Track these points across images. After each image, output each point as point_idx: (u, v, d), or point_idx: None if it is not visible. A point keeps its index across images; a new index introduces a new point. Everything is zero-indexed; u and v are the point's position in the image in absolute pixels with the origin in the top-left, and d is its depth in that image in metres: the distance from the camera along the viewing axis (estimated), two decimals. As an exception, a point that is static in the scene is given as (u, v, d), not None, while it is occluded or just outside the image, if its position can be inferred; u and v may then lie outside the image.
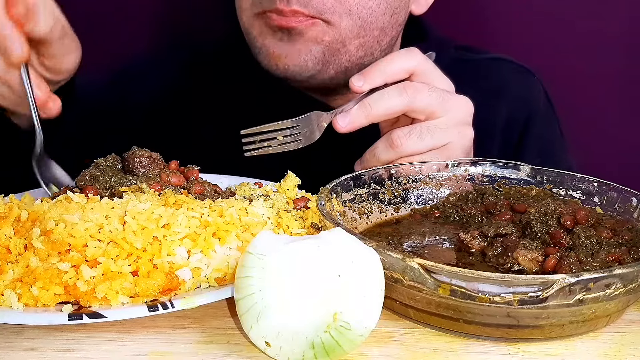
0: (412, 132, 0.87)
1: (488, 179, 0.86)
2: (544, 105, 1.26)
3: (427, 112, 0.87)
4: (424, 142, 0.87)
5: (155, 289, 0.64)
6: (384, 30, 1.06)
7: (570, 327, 0.61)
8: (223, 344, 0.61)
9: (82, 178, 0.77)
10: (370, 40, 1.05)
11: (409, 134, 0.87)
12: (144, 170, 0.80)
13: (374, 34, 1.05)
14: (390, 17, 1.05)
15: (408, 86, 0.87)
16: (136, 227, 0.66)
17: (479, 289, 0.57)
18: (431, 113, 0.87)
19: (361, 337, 0.56)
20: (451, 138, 0.89)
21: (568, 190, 0.82)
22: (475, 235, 0.72)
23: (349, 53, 1.04)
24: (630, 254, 0.68)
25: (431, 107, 0.87)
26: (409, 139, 0.87)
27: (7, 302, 0.63)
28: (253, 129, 0.88)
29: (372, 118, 0.87)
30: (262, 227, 0.72)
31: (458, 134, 0.90)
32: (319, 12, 0.99)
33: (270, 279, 0.57)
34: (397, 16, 1.07)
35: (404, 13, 1.10)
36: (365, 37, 1.04)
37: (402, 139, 0.87)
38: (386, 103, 0.86)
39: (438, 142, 0.88)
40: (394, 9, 1.05)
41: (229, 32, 1.19)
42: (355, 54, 1.05)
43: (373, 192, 0.82)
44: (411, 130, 0.88)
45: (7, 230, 0.68)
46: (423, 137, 0.87)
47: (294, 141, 0.89)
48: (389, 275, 0.60)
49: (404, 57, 0.89)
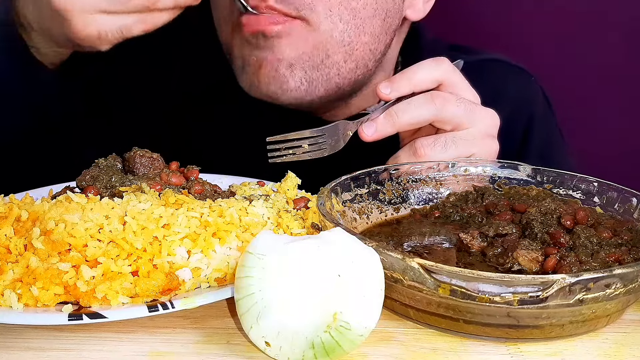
0: (437, 143, 0.86)
1: (488, 179, 0.86)
2: (542, 105, 1.25)
3: (454, 123, 0.87)
4: (448, 152, 0.86)
5: (155, 289, 0.64)
6: (375, 36, 0.99)
7: (570, 327, 0.61)
8: (223, 344, 0.61)
9: (82, 178, 0.77)
10: (360, 48, 0.98)
11: (434, 144, 0.86)
12: (145, 171, 0.80)
13: (363, 41, 0.98)
14: (383, 22, 0.99)
15: (436, 96, 0.86)
16: (136, 227, 0.66)
17: (479, 289, 0.57)
18: (458, 124, 0.87)
19: (361, 337, 0.56)
20: (475, 150, 0.88)
21: (568, 190, 0.82)
22: (475, 235, 0.72)
23: (337, 65, 0.98)
24: (630, 254, 0.68)
25: (458, 118, 0.86)
26: (433, 149, 0.86)
27: (7, 302, 0.63)
28: (279, 137, 0.87)
29: (399, 127, 0.86)
30: (262, 227, 0.72)
31: (483, 146, 0.89)
32: (296, 8, 0.93)
33: (270, 279, 0.57)
34: (391, 21, 1.01)
35: (398, 17, 1.04)
36: (351, 45, 0.97)
37: (426, 149, 0.86)
38: (414, 112, 0.85)
39: (462, 153, 0.87)
40: (386, 11, 0.99)
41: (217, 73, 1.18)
42: (345, 66, 0.98)
43: (373, 192, 0.82)
44: (436, 140, 0.87)
45: (7, 230, 0.68)
46: (447, 147, 0.86)
47: (319, 150, 0.88)
48: (389, 275, 0.60)
49: (433, 66, 0.87)
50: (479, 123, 0.88)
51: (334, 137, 0.88)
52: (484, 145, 0.89)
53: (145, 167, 0.80)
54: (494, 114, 0.90)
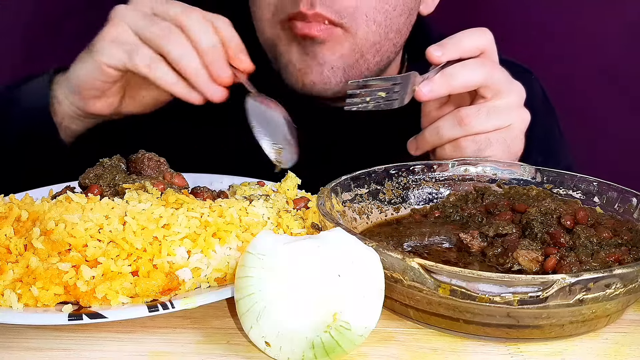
0: (481, 111, 0.89)
1: (488, 179, 0.86)
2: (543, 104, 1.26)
3: (497, 90, 0.89)
4: (491, 121, 0.89)
5: (155, 289, 0.64)
6: (399, 31, 1.06)
7: (570, 327, 0.61)
8: (223, 344, 0.61)
9: (86, 175, 0.77)
10: (386, 44, 1.05)
11: (478, 112, 0.89)
12: (151, 173, 0.80)
13: (389, 37, 1.04)
14: (406, 19, 1.06)
15: (486, 62, 0.89)
16: (136, 227, 0.66)
17: (479, 289, 0.57)
18: (499, 92, 0.89)
19: (361, 337, 0.56)
20: (514, 119, 0.91)
21: (568, 190, 0.82)
22: (475, 235, 0.72)
23: (367, 62, 1.04)
24: (630, 254, 0.68)
25: (502, 85, 0.89)
26: (477, 117, 0.88)
27: (7, 302, 0.63)
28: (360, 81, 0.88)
29: (453, 88, 0.88)
30: (262, 227, 0.72)
31: (519, 116, 0.92)
32: (340, 16, 0.98)
33: (270, 279, 0.57)
34: (412, 17, 1.08)
35: (416, 13, 1.10)
36: (381, 43, 1.04)
37: (471, 117, 0.88)
38: (468, 74, 0.87)
39: (503, 122, 0.90)
40: (410, 10, 1.05)
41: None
42: (372, 61, 1.05)
43: (373, 192, 0.82)
44: (479, 108, 0.89)
45: (7, 230, 0.68)
46: (490, 116, 0.89)
47: (392, 99, 0.88)
48: (389, 275, 0.60)
49: (479, 34, 0.90)
50: (513, 94, 0.91)
51: (405, 88, 0.89)
52: (519, 115, 0.92)
53: (153, 170, 0.81)
54: (522, 86, 0.93)
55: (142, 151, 0.82)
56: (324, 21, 0.98)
